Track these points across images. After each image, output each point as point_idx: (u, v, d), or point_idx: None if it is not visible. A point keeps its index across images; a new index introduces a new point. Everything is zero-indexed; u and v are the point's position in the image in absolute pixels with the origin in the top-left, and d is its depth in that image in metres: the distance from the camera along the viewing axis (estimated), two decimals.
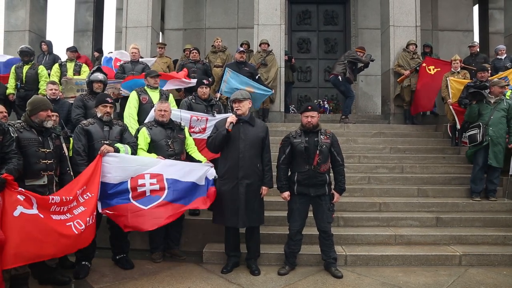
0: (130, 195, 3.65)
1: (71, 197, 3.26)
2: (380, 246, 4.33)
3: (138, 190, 3.67)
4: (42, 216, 2.96)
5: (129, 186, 3.67)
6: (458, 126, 6.35)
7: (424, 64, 7.43)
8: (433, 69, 7.32)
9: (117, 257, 3.98)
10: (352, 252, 4.14)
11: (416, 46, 7.79)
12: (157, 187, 3.72)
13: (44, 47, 7.88)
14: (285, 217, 3.98)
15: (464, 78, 6.69)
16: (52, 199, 3.12)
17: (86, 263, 3.75)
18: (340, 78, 7.62)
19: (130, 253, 4.08)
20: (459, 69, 6.87)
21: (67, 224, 3.14)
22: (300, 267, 3.96)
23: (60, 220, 3.11)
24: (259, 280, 3.67)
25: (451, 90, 6.46)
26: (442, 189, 5.50)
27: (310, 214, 3.87)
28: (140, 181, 3.70)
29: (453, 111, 6.38)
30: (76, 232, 3.15)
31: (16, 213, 2.81)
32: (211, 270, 3.91)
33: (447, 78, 6.62)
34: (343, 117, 7.80)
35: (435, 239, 4.44)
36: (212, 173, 4.07)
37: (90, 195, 3.41)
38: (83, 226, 3.21)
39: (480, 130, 5.14)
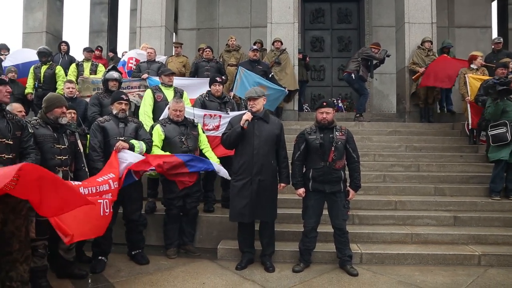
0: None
1: (100, 179, 3.38)
2: (396, 245, 4.25)
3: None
4: None
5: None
6: (470, 126, 6.18)
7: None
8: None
9: (133, 253, 4.02)
10: (368, 250, 4.08)
11: (432, 43, 7.66)
12: None
13: (65, 47, 8.04)
14: (299, 215, 3.96)
15: (483, 75, 6.54)
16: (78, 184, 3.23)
17: (103, 258, 3.81)
18: (354, 75, 7.53)
19: (145, 249, 4.12)
20: (480, 65, 6.72)
21: (99, 201, 3.24)
22: (314, 264, 3.93)
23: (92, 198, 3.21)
24: (273, 277, 3.66)
25: (469, 87, 6.31)
26: (459, 188, 5.38)
27: (325, 211, 3.83)
28: None
29: (469, 110, 6.23)
30: (101, 214, 3.23)
31: None
32: (226, 266, 3.91)
33: (466, 75, 6.47)
34: (358, 115, 7.71)
35: (452, 238, 4.35)
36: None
37: (117, 185, 3.50)
38: (108, 211, 3.31)
39: (508, 128, 4.96)
